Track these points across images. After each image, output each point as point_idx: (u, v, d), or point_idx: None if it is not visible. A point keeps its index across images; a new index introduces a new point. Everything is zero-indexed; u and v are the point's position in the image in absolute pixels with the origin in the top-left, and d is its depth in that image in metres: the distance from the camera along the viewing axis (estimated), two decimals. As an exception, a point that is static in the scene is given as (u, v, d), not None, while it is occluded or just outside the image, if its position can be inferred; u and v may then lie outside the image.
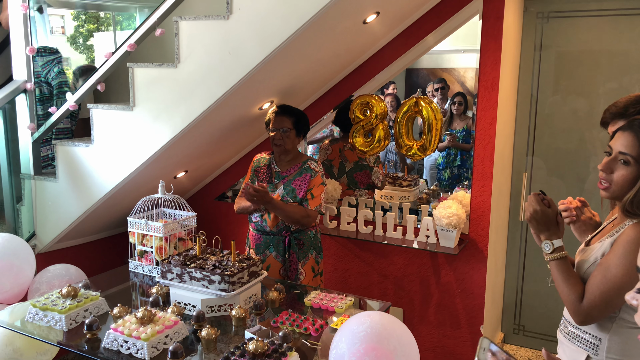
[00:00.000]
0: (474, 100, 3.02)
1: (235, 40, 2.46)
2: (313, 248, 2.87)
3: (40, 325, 2.15)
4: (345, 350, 1.69)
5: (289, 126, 2.76)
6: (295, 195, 2.76)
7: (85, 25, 4.16)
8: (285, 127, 2.75)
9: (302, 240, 2.82)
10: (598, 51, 3.26)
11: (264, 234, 2.83)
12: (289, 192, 2.77)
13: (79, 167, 2.98)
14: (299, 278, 2.82)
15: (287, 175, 2.81)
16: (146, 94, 2.71)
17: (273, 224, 2.77)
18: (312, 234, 2.86)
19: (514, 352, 3.67)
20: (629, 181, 1.46)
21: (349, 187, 3.51)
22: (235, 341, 2.03)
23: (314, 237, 2.88)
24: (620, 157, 1.48)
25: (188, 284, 2.23)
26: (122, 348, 1.92)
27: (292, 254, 2.81)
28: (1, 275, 2.59)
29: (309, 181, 2.77)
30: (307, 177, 2.78)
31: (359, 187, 3.52)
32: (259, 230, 2.84)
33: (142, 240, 2.72)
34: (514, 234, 3.64)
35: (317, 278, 2.90)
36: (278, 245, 2.81)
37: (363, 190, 3.51)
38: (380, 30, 3.01)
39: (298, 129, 2.81)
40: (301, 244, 2.81)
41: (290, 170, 2.82)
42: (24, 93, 3.11)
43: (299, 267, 2.82)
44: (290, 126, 2.77)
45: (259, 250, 2.84)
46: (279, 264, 2.82)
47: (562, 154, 3.44)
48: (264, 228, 2.81)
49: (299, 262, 2.82)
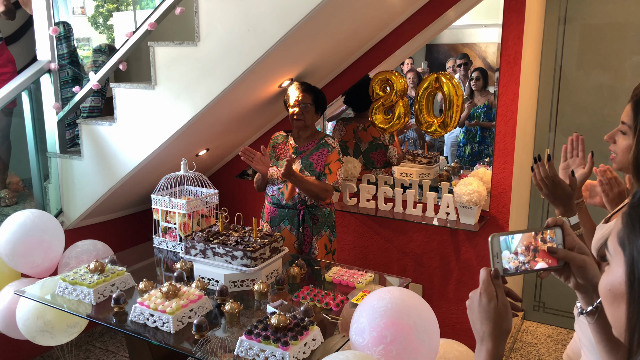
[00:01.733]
0: (496, 76, 2.97)
1: (255, 18, 2.46)
2: (327, 226, 2.91)
3: (70, 298, 2.22)
4: (366, 324, 1.72)
5: (309, 102, 2.80)
6: (313, 169, 2.80)
7: (105, 5, 4.18)
8: (305, 102, 2.78)
9: (317, 216, 2.86)
10: (624, 23, 3.17)
11: (279, 207, 2.87)
12: (306, 166, 2.80)
13: (103, 146, 3.04)
14: (313, 252, 2.86)
15: (305, 150, 2.84)
16: (167, 73, 2.73)
17: (289, 197, 2.81)
18: (326, 211, 2.90)
19: (534, 328, 3.68)
20: (628, 149, 1.46)
21: (365, 167, 3.52)
22: (258, 315, 2.07)
23: (328, 214, 2.91)
24: (620, 126, 1.49)
25: (211, 259, 2.27)
26: (148, 321, 1.98)
27: (306, 228, 2.85)
28: (32, 250, 2.67)
29: (326, 156, 2.81)
30: (324, 152, 2.82)
31: (375, 167, 3.52)
32: (275, 203, 2.88)
33: (166, 217, 2.77)
34: (535, 211, 3.61)
35: (329, 256, 2.94)
36: (293, 218, 2.85)
37: (380, 169, 3.52)
38: (400, 5, 2.97)
39: (317, 106, 2.85)
40: (315, 219, 2.86)
41: (307, 145, 2.86)
42: (48, 73, 3.16)
43: (313, 242, 2.86)
44: (310, 102, 2.81)
45: (273, 223, 2.89)
46: (294, 237, 2.87)
47: (586, 130, 3.38)
48: (280, 201, 2.85)
49: (313, 237, 2.86)
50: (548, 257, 1.06)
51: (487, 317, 1.03)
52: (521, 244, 1.05)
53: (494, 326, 1.02)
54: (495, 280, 1.04)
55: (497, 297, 1.03)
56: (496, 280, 1.04)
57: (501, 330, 1.02)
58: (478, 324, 1.04)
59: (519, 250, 1.05)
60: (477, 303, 1.04)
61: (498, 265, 1.04)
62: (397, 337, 1.67)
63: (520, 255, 1.05)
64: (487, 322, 1.03)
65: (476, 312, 1.05)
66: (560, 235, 1.06)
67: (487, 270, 1.04)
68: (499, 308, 1.02)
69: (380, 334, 1.68)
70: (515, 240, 1.05)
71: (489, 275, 1.04)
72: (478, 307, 1.04)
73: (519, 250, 1.05)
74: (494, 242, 1.04)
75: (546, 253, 1.06)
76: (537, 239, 1.05)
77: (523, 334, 3.62)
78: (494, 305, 1.02)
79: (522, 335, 3.60)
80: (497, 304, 1.02)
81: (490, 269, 1.04)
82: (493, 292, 1.03)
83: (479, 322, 1.04)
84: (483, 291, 1.04)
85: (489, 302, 1.02)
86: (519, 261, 1.05)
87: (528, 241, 1.05)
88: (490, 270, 1.04)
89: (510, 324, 1.04)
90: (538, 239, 1.06)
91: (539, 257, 1.06)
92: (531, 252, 1.05)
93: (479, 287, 1.05)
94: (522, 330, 3.67)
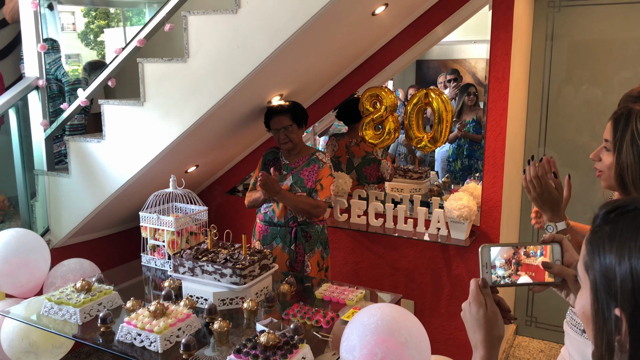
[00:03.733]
0: (485, 92, 2.99)
1: (244, 35, 2.46)
2: (320, 242, 2.88)
3: (56, 319, 2.18)
4: (357, 342, 1.69)
5: (288, 123, 2.77)
6: (304, 185, 2.78)
7: (95, 21, 4.18)
8: (285, 125, 2.76)
9: (310, 233, 2.83)
10: (611, 40, 3.21)
11: (271, 225, 2.85)
12: (297, 182, 2.79)
13: (91, 163, 3.01)
14: (305, 270, 2.83)
15: (296, 166, 2.83)
16: (156, 89, 2.72)
17: (281, 214, 2.79)
18: (319, 228, 2.87)
19: (526, 343, 3.66)
20: (612, 166, 1.47)
21: (358, 183, 3.51)
22: (247, 334, 2.04)
23: (321, 231, 2.88)
24: (604, 143, 1.51)
25: (200, 277, 2.24)
26: (135, 341, 1.94)
27: (298, 246, 2.82)
28: (17, 270, 2.62)
29: (317, 172, 2.79)
30: (315, 167, 2.80)
31: (368, 182, 3.51)
32: (267, 221, 2.85)
33: (154, 234, 2.74)
34: (525, 226, 3.61)
35: (321, 273, 2.91)
36: (285, 236, 2.82)
37: (373, 184, 3.51)
38: (389, 22, 2.99)
39: (298, 122, 2.82)
40: (308, 237, 2.83)
41: (298, 162, 2.84)
42: (35, 90, 3.13)
43: (305, 260, 2.83)
44: (290, 122, 2.78)
45: (265, 241, 2.86)
46: (286, 256, 2.84)
47: (575, 145, 3.40)
48: (271, 219, 2.83)
49: (305, 255, 2.83)
50: (533, 271, 1.08)
51: (477, 325, 1.05)
52: (500, 257, 1.08)
53: (485, 333, 1.04)
54: (483, 289, 1.07)
55: (486, 305, 1.05)
56: (485, 290, 1.07)
57: (492, 337, 1.04)
58: (471, 333, 1.07)
59: (497, 263, 1.08)
60: (468, 312, 1.07)
61: (487, 276, 1.07)
62: (387, 354, 1.65)
63: (499, 269, 1.08)
64: (478, 329, 1.05)
65: (468, 322, 1.07)
66: (558, 251, 1.08)
67: (476, 281, 1.07)
68: (489, 315, 1.04)
69: (371, 351, 1.66)
70: (493, 254, 1.08)
71: (477, 285, 1.07)
72: (469, 316, 1.06)
73: (496, 264, 1.07)
74: (484, 253, 1.08)
75: (528, 266, 1.07)
76: (519, 253, 1.07)
77: (515, 349, 3.60)
78: (483, 312, 1.04)
79: (514, 351, 3.57)
80: (487, 312, 1.05)
81: (478, 279, 1.07)
82: (482, 301, 1.05)
83: (472, 331, 1.07)
84: (472, 300, 1.06)
85: (478, 310, 1.05)
86: (496, 275, 1.07)
87: (508, 255, 1.08)
88: (479, 280, 1.07)
89: (501, 331, 1.05)
90: (520, 253, 1.07)
91: (521, 271, 1.08)
92: (513, 265, 1.08)
93: (469, 297, 1.08)
94: (514, 345, 3.64)
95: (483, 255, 1.07)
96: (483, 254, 1.07)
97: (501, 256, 1.07)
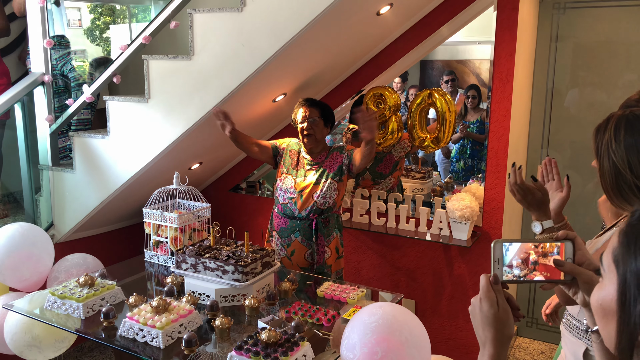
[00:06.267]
0: (488, 93, 3.00)
1: (249, 33, 2.47)
2: (337, 228, 2.91)
3: (59, 313, 2.20)
4: (357, 340, 1.70)
5: (316, 116, 2.79)
6: (328, 173, 2.79)
7: (101, 17, 4.20)
8: (313, 116, 2.78)
9: (328, 218, 2.85)
10: (616, 42, 3.21)
11: (291, 218, 2.85)
12: (322, 174, 2.80)
13: (96, 159, 3.02)
14: (324, 258, 2.85)
15: (319, 161, 2.84)
16: (161, 86, 2.74)
17: (302, 207, 2.80)
18: (335, 215, 2.90)
19: (527, 345, 3.66)
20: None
21: (374, 182, 3.46)
22: (249, 331, 2.05)
23: (337, 217, 2.92)
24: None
25: (202, 274, 2.26)
26: (137, 336, 1.96)
27: (319, 237, 2.83)
28: (21, 264, 2.64)
29: (340, 155, 2.81)
30: (336, 154, 2.83)
31: (384, 177, 3.45)
32: (286, 214, 2.86)
33: (158, 230, 2.75)
34: (527, 227, 3.61)
35: (339, 260, 2.93)
36: (304, 229, 2.83)
37: (389, 176, 3.44)
38: (394, 22, 2.99)
39: (325, 119, 2.84)
40: (327, 222, 2.84)
41: (320, 157, 2.85)
42: (41, 85, 3.15)
43: (326, 249, 2.85)
44: (318, 115, 2.80)
45: (283, 234, 2.86)
46: (305, 248, 2.84)
47: (578, 147, 3.40)
48: (292, 212, 2.83)
49: (326, 244, 2.84)
50: (549, 271, 1.05)
51: (488, 323, 1.02)
52: (517, 257, 1.04)
53: (496, 332, 1.02)
54: (495, 286, 1.04)
55: (497, 303, 1.02)
56: (496, 286, 1.04)
57: (503, 336, 1.02)
58: (480, 330, 1.04)
59: (514, 263, 1.04)
60: (479, 309, 1.04)
61: (498, 271, 1.04)
62: (388, 353, 1.66)
63: (516, 269, 1.05)
64: (488, 328, 1.02)
65: (478, 319, 1.04)
66: (570, 248, 1.06)
67: (486, 277, 1.04)
68: (500, 314, 1.02)
69: (371, 350, 1.67)
70: (510, 253, 1.04)
71: (488, 282, 1.04)
72: (479, 313, 1.04)
73: (514, 264, 1.04)
74: (496, 248, 1.04)
75: (545, 266, 1.05)
76: (537, 251, 1.05)
77: (516, 350, 3.60)
78: (494, 311, 1.02)
79: (515, 352, 3.58)
80: (498, 310, 1.02)
81: (489, 275, 1.04)
82: (493, 298, 1.03)
83: (481, 328, 1.04)
84: (483, 297, 1.04)
85: (489, 308, 1.02)
86: (512, 274, 1.05)
87: (526, 253, 1.04)
88: (490, 277, 1.04)
89: (511, 329, 1.04)
90: (538, 251, 1.05)
91: (537, 270, 1.05)
92: (530, 265, 1.05)
93: (479, 293, 1.05)
94: (515, 346, 3.65)
95: (495, 250, 1.04)
96: (495, 250, 1.04)
97: (518, 256, 1.04)
